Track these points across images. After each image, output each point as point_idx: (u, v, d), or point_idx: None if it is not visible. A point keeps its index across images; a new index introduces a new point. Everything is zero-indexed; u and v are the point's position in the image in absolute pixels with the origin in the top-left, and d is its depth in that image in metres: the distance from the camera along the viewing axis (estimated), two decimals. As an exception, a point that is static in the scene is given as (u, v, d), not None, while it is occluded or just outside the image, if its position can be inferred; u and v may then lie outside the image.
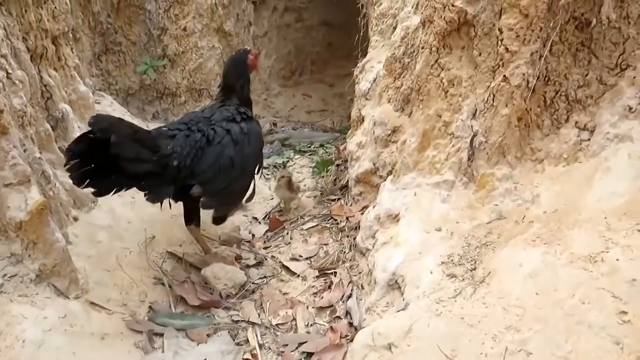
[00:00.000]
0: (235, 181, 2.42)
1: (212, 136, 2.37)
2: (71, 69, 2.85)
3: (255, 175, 2.60)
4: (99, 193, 2.16)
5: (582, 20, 2.00)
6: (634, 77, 1.91)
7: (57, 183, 2.34)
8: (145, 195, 2.21)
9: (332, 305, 2.35)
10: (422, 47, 2.36)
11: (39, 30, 2.44)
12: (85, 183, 2.10)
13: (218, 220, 2.62)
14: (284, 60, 5.72)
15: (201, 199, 2.29)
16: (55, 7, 2.67)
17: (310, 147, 4.25)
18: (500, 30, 2.04)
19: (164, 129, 2.42)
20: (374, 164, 2.84)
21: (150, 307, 2.26)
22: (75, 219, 2.42)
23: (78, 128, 2.76)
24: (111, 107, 3.51)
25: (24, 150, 2.04)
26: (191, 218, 2.55)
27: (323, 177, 3.55)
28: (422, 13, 2.36)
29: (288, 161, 3.97)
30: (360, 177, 2.92)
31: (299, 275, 2.55)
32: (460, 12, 2.15)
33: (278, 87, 5.61)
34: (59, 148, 2.50)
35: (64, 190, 2.40)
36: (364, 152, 2.96)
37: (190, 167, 2.27)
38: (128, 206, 2.69)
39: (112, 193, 2.18)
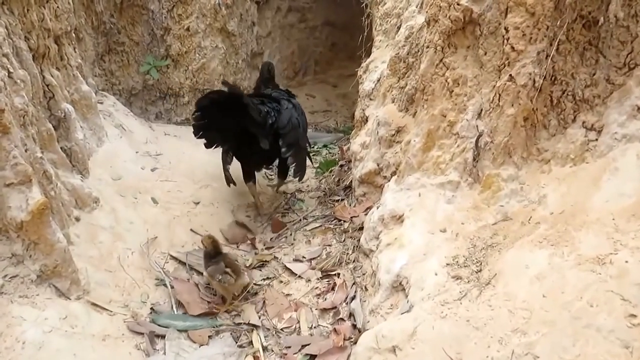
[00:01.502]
0: (301, 137, 3.12)
1: (281, 103, 3.09)
2: (73, 69, 2.85)
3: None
4: (207, 145, 2.98)
5: (590, 19, 1.97)
6: (643, 77, 1.87)
7: (59, 183, 2.32)
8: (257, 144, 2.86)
9: (335, 307, 2.32)
10: (427, 47, 2.34)
11: (41, 30, 2.43)
12: (199, 134, 2.93)
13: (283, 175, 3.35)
14: (287, 60, 5.71)
15: (289, 156, 2.94)
16: (57, 7, 2.66)
17: (313, 147, 4.22)
18: (506, 29, 2.02)
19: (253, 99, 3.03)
20: (378, 165, 2.82)
21: (152, 308, 2.24)
22: (77, 219, 2.40)
23: (80, 128, 2.75)
24: (114, 107, 3.50)
25: (26, 150, 2.02)
26: (250, 177, 3.17)
27: (326, 177, 3.52)
28: (426, 12, 2.33)
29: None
30: (363, 177, 2.89)
31: (301, 277, 2.53)
32: (465, 11, 2.13)
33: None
34: (60, 148, 2.48)
35: (66, 191, 2.39)
36: (368, 152, 2.93)
37: (276, 123, 2.93)
38: (130, 207, 2.68)
39: (213, 147, 3.00)
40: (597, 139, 1.97)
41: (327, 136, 4.55)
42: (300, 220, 3.06)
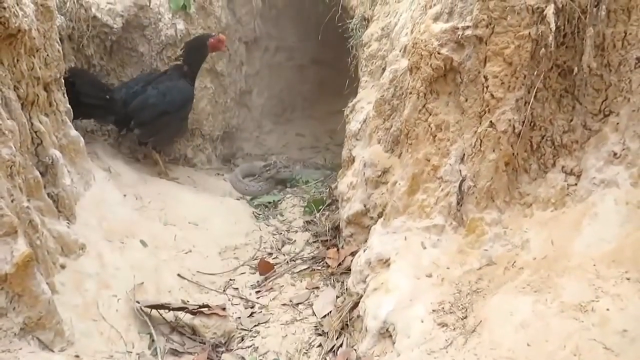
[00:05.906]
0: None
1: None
2: (62, 114, 2.86)
3: None
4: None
5: (565, 68, 2.05)
6: (617, 124, 1.94)
7: (45, 231, 2.31)
8: None
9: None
10: (410, 93, 2.39)
11: (30, 78, 2.45)
12: None
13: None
14: (275, 98, 5.78)
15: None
16: (47, 55, 2.69)
17: (303, 185, 4.24)
18: (485, 77, 2.08)
19: None
20: (365, 205, 2.84)
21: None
22: (63, 266, 2.38)
23: (68, 173, 2.75)
24: (102, 149, 3.52)
25: (12, 200, 2.02)
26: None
27: (314, 217, 3.53)
28: (409, 59, 2.40)
29: (280, 200, 3.96)
30: (351, 218, 2.91)
31: (291, 323, 2.51)
32: (446, 59, 2.19)
33: (270, 125, 5.65)
34: (47, 194, 2.48)
35: (52, 238, 2.37)
36: (355, 193, 2.96)
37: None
38: (117, 252, 2.66)
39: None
40: (576, 184, 2.02)
41: (315, 173, 4.58)
42: (288, 262, 3.05)
